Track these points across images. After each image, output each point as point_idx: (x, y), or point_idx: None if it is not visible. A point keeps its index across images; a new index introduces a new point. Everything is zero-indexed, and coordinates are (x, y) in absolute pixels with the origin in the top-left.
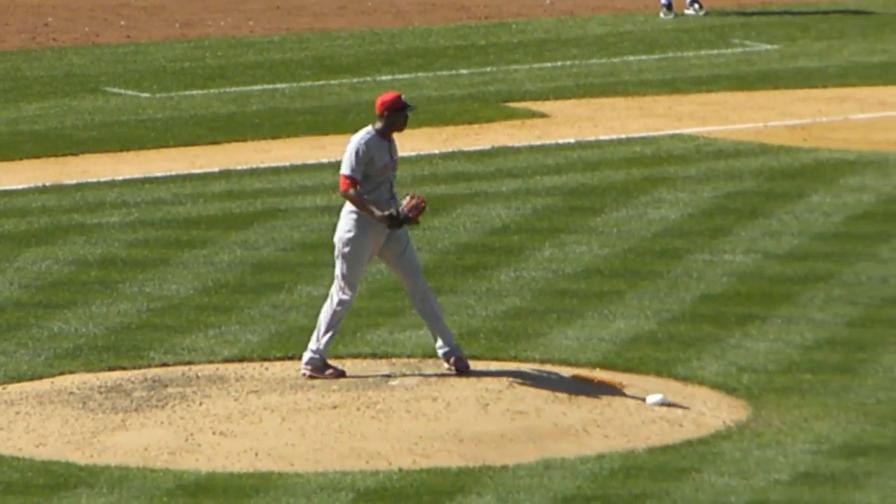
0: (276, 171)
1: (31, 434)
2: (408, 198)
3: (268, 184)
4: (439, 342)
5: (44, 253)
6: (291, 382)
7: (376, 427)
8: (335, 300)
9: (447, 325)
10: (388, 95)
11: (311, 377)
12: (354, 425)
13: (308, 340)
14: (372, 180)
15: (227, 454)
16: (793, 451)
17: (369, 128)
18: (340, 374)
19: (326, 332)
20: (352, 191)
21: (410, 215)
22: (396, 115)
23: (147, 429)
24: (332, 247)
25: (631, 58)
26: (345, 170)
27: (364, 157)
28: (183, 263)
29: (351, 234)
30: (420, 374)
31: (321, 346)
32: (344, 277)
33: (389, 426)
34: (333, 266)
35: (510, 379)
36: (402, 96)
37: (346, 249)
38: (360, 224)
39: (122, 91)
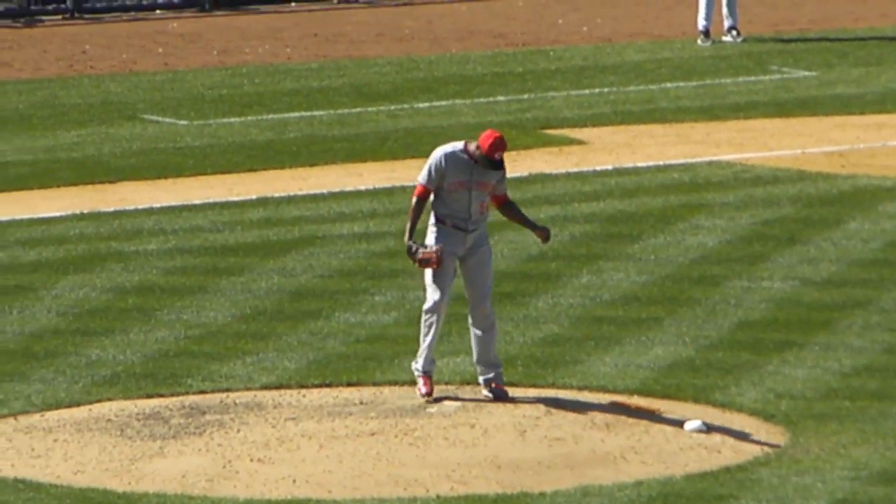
0: (314, 198)
1: (69, 461)
2: (433, 248)
3: (305, 211)
4: (480, 368)
5: (82, 280)
6: (329, 409)
7: (414, 454)
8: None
9: (491, 349)
10: (489, 138)
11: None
12: (392, 452)
13: (346, 367)
14: (445, 193)
15: (264, 481)
16: (831, 477)
17: (462, 143)
18: (425, 394)
19: (422, 341)
20: (414, 197)
21: (416, 258)
22: (483, 159)
23: (185, 456)
24: (370, 273)
25: (668, 84)
26: (420, 175)
27: (440, 170)
28: (220, 291)
29: (429, 243)
30: (458, 401)
31: (417, 360)
32: (426, 284)
33: (427, 453)
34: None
35: (548, 406)
36: (499, 154)
37: None
38: (437, 234)
39: (160, 118)
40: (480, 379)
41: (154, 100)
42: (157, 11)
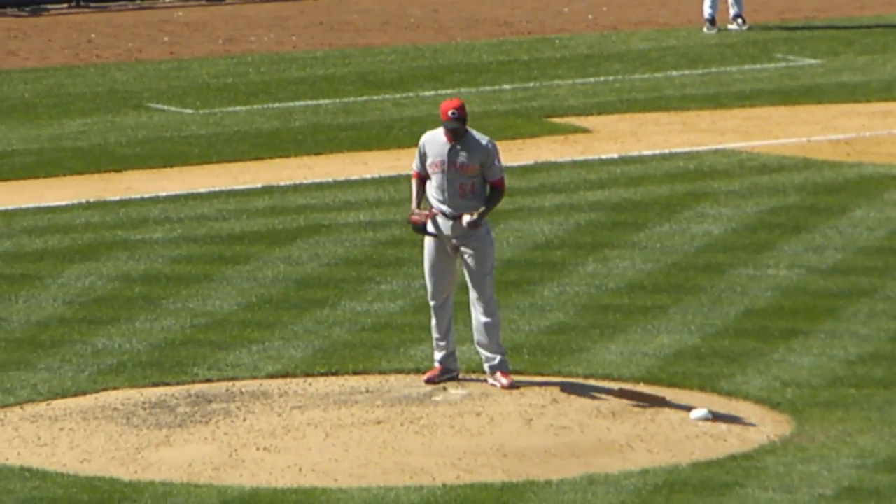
0: (320, 186)
1: (75, 450)
2: (425, 211)
3: (311, 199)
4: (484, 355)
5: (87, 269)
6: (335, 398)
7: (420, 442)
8: None
9: (490, 338)
10: (445, 104)
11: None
12: (398, 441)
13: (352, 355)
14: (430, 175)
15: (270, 470)
16: (837, 465)
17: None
18: (425, 380)
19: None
20: (412, 181)
21: (410, 219)
22: (444, 126)
23: (191, 445)
24: (376, 262)
25: (674, 73)
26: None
27: (421, 152)
28: (226, 279)
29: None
30: (464, 389)
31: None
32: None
33: (433, 441)
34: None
35: (554, 394)
36: (452, 109)
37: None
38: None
39: (166, 107)
40: (485, 366)
41: (160, 88)
42: (163, 0)
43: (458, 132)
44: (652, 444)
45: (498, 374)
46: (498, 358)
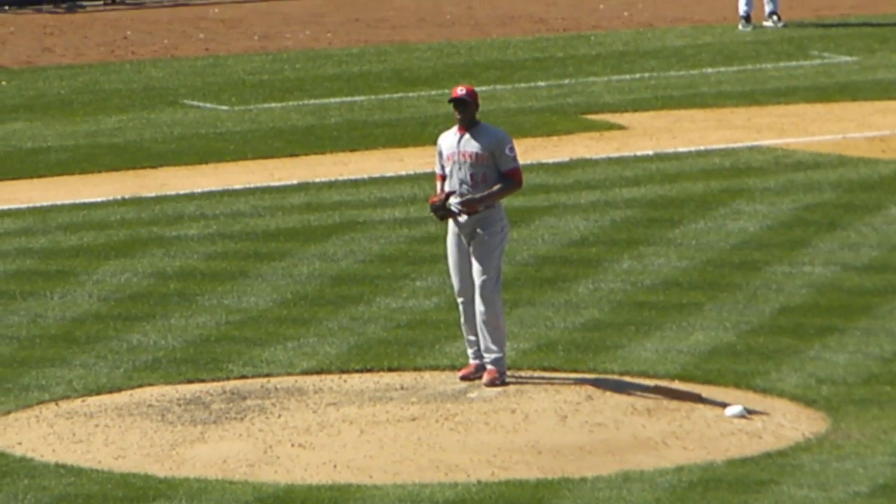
0: (355, 183)
1: (110, 446)
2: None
3: (346, 196)
4: (483, 347)
5: (123, 265)
6: (370, 395)
7: (455, 439)
8: None
9: (485, 336)
10: (456, 87)
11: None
12: (433, 437)
13: (387, 352)
14: (447, 170)
15: (305, 466)
16: (872, 463)
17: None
18: (463, 376)
19: None
20: (436, 183)
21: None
22: (452, 105)
23: (226, 441)
24: (411, 259)
25: (709, 70)
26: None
27: (438, 149)
28: (262, 276)
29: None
30: (499, 386)
31: None
32: None
33: (468, 438)
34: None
35: (589, 391)
36: (460, 87)
37: None
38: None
39: (201, 104)
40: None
41: (195, 85)
42: None
43: (465, 113)
44: (687, 441)
45: (486, 370)
46: (491, 356)
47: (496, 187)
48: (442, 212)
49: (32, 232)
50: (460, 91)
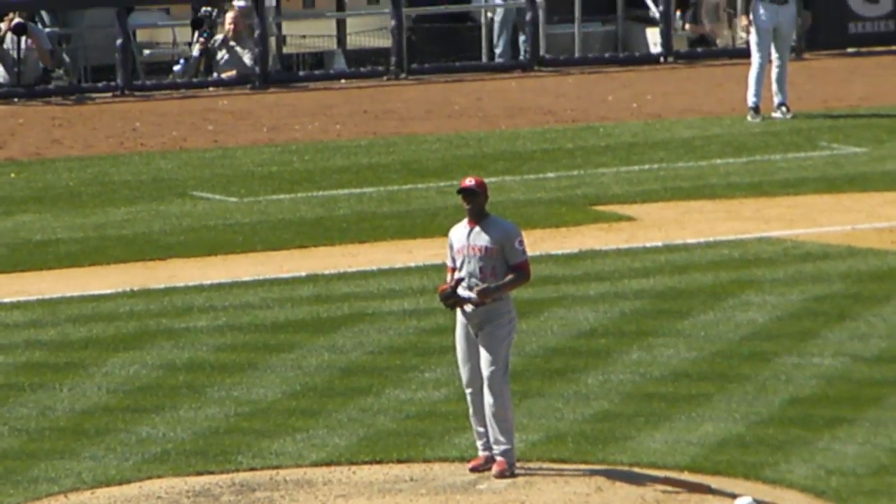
0: (364, 274)
1: None
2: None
3: (355, 288)
4: (492, 439)
5: (132, 358)
6: (379, 486)
7: None
8: None
9: (494, 428)
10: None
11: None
12: None
13: (396, 443)
14: (460, 262)
15: None
16: None
17: None
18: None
19: None
20: (447, 275)
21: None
22: (461, 195)
23: None
24: (420, 350)
25: (718, 161)
26: None
27: (449, 243)
28: (271, 367)
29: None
30: (509, 478)
31: None
32: None
33: None
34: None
35: (598, 482)
36: (469, 178)
37: None
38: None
39: (210, 195)
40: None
41: (204, 177)
42: (209, 89)
43: (474, 203)
44: None
45: (496, 462)
46: (500, 448)
47: (508, 278)
48: (451, 300)
49: (41, 324)
50: (469, 182)
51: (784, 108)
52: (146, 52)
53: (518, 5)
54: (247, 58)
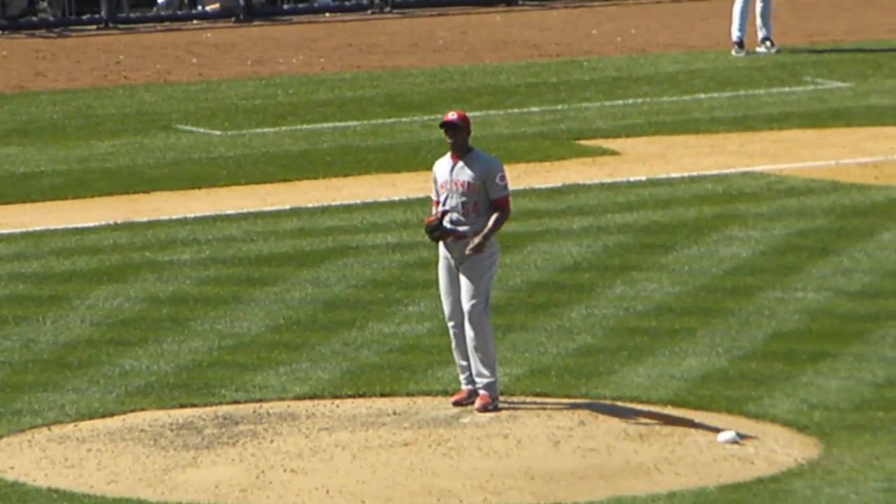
0: (348, 208)
1: (102, 471)
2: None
3: (339, 221)
4: (475, 371)
5: (115, 290)
6: (362, 420)
7: (447, 464)
8: None
9: (476, 361)
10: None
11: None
12: (426, 463)
13: (380, 377)
14: (443, 197)
15: (297, 491)
16: (864, 488)
17: None
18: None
19: None
20: (432, 209)
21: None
22: (442, 130)
23: (218, 466)
24: (403, 284)
25: (702, 95)
26: None
27: (433, 177)
28: (254, 301)
29: None
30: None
31: None
32: None
33: (461, 463)
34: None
35: (581, 416)
36: (452, 112)
37: None
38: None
39: (194, 129)
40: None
41: (188, 110)
42: (193, 22)
43: (456, 137)
44: (679, 466)
45: (479, 395)
46: (482, 381)
47: (492, 221)
48: (437, 232)
49: (25, 257)
50: (451, 116)
51: (768, 43)
52: None
53: None
54: None
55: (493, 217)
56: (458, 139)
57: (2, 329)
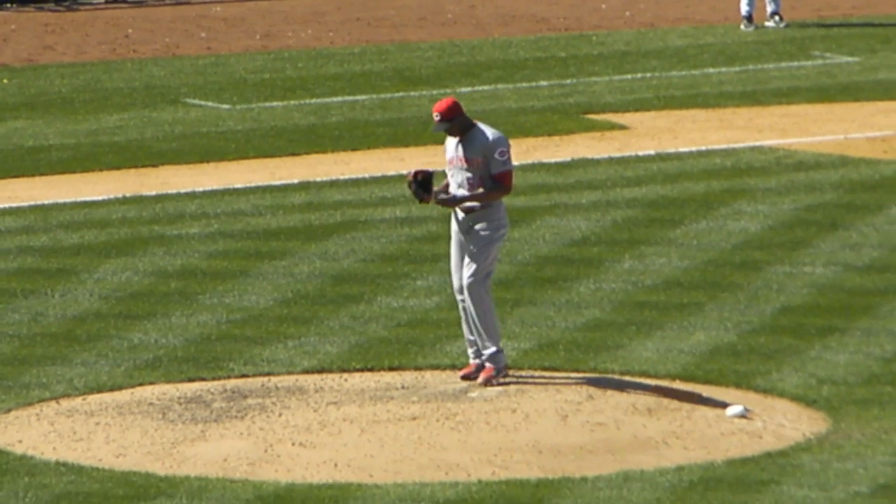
0: (356, 182)
1: (111, 444)
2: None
3: (347, 195)
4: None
5: (124, 264)
6: (371, 394)
7: (456, 438)
8: None
9: (479, 333)
10: (434, 107)
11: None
12: (434, 436)
13: (388, 351)
14: (451, 172)
15: (306, 465)
16: (873, 463)
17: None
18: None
19: None
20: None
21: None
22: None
23: (226, 440)
24: (412, 258)
25: (711, 70)
26: None
27: (444, 150)
28: (262, 275)
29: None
30: (499, 386)
31: None
32: None
33: (469, 437)
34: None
35: (589, 390)
36: (435, 113)
37: None
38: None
39: (203, 102)
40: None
41: (197, 84)
42: None
43: (451, 131)
44: (687, 440)
45: (484, 368)
46: (487, 353)
47: (479, 190)
48: (411, 190)
49: (33, 230)
50: (436, 117)
51: (777, 17)
52: None
53: None
54: None
55: (491, 187)
56: (454, 128)
57: (10, 302)
